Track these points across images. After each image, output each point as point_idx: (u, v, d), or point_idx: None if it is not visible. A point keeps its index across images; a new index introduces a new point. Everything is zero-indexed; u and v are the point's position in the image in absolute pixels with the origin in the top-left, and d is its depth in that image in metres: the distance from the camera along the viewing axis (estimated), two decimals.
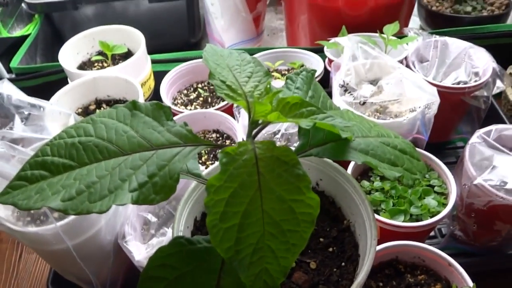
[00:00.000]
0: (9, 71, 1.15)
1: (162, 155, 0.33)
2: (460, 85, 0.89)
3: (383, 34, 0.94)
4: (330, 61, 0.95)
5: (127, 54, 0.97)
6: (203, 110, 0.88)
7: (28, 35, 1.25)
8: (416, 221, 0.67)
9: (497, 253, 0.78)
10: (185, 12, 1.30)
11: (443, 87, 0.86)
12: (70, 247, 0.58)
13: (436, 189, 0.72)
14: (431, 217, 0.67)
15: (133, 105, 0.36)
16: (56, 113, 0.68)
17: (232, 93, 0.33)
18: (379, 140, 0.43)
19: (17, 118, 0.66)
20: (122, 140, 0.34)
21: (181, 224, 0.44)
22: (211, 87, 0.99)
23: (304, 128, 0.40)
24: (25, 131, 0.63)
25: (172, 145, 0.33)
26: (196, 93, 0.98)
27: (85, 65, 0.97)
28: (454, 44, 0.96)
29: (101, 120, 0.36)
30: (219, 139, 0.87)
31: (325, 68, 0.98)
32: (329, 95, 0.52)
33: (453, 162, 0.93)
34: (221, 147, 0.32)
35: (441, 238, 0.84)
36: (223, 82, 0.34)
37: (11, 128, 0.64)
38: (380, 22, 0.98)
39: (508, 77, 1.07)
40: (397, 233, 0.66)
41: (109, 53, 0.94)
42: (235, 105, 0.83)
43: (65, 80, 0.94)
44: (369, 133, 0.44)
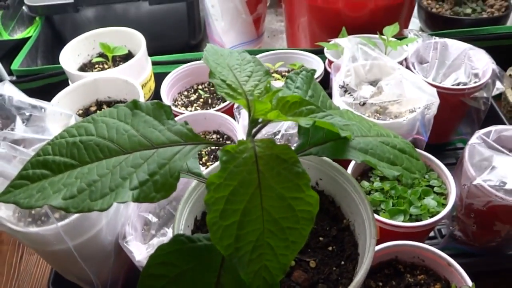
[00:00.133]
0: (10, 73, 1.16)
1: (163, 154, 0.33)
2: (460, 86, 0.89)
3: (383, 36, 0.95)
4: (330, 62, 0.95)
5: (127, 56, 0.98)
6: (203, 111, 0.88)
7: (29, 38, 1.25)
8: (415, 221, 0.68)
9: (496, 254, 0.78)
10: (185, 14, 1.30)
11: (443, 88, 0.86)
12: (71, 247, 0.58)
13: (435, 189, 0.72)
14: (430, 217, 0.67)
15: (134, 104, 0.36)
16: (57, 114, 0.68)
17: (232, 92, 0.34)
18: (379, 139, 0.43)
19: (18, 119, 0.66)
20: (123, 139, 0.34)
21: (181, 223, 0.44)
22: (211, 89, 0.99)
23: (303, 127, 0.40)
24: (26, 132, 0.63)
25: (173, 144, 0.34)
26: (197, 94, 0.98)
27: (86, 67, 0.98)
28: (454, 46, 0.96)
29: (102, 119, 0.36)
30: (219, 140, 0.87)
31: (325, 70, 0.98)
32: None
33: (453, 163, 0.94)
34: (221, 146, 0.32)
35: (440, 239, 0.84)
36: (224, 81, 0.34)
37: (12, 129, 0.65)
38: (380, 23, 0.98)
39: (508, 79, 1.07)
40: (397, 233, 0.66)
41: (109, 55, 0.94)
42: (236, 106, 0.83)
43: (66, 82, 0.94)
44: (368, 133, 0.44)
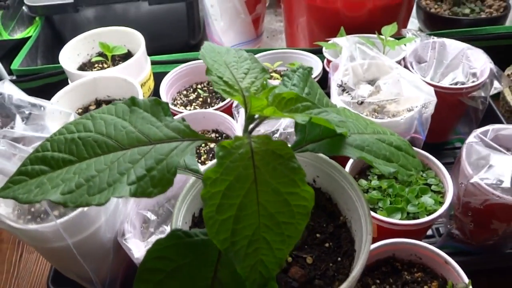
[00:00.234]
0: (10, 73, 1.16)
1: (160, 150, 0.33)
2: (458, 86, 0.89)
3: (381, 35, 0.95)
4: (329, 61, 0.96)
5: (127, 55, 0.98)
6: (202, 110, 0.88)
7: (29, 38, 1.26)
8: (413, 219, 0.68)
9: (493, 252, 0.78)
10: (184, 14, 1.31)
11: (441, 88, 0.87)
12: (70, 245, 0.59)
13: (433, 187, 0.72)
14: (428, 215, 0.68)
15: (132, 101, 0.37)
16: (57, 112, 0.68)
17: (229, 89, 0.34)
18: (375, 136, 0.44)
19: (18, 118, 0.66)
20: (121, 135, 0.35)
21: (179, 220, 0.44)
22: (210, 88, 0.99)
23: (300, 124, 0.40)
24: (26, 130, 0.64)
25: (170, 140, 0.34)
26: (196, 93, 0.99)
27: (85, 66, 0.98)
28: (452, 45, 0.96)
29: (100, 116, 0.36)
30: (218, 139, 0.87)
31: (323, 69, 0.99)
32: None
33: (451, 162, 0.94)
34: (218, 141, 0.32)
35: (438, 238, 0.84)
36: (220, 78, 0.34)
37: (12, 128, 0.65)
38: (379, 23, 0.99)
39: (506, 78, 1.08)
40: (394, 231, 0.67)
41: (109, 54, 0.94)
42: (234, 105, 0.84)
43: (66, 81, 0.95)
44: (365, 130, 0.44)
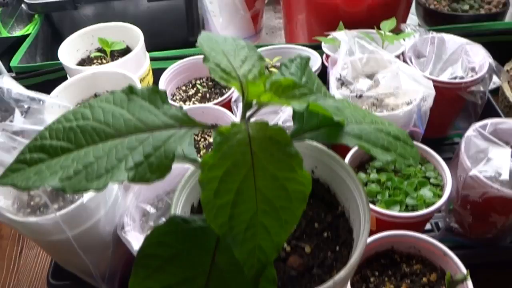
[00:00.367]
0: (9, 70, 1.16)
1: (158, 137, 0.33)
2: (457, 80, 0.89)
3: (380, 30, 0.95)
4: (327, 56, 0.96)
5: (126, 51, 0.98)
6: (201, 105, 0.88)
7: (28, 35, 1.26)
8: (411, 211, 0.68)
9: (492, 246, 0.78)
10: (183, 11, 1.31)
11: (440, 82, 0.87)
12: (70, 237, 0.59)
13: (431, 180, 0.72)
14: (426, 208, 0.68)
15: (130, 89, 0.37)
16: (56, 106, 0.69)
17: (226, 76, 0.34)
18: (373, 126, 0.44)
19: (17, 112, 0.66)
20: (119, 123, 0.35)
21: (178, 210, 0.44)
22: (209, 83, 1.00)
23: (298, 113, 0.41)
24: (25, 124, 0.64)
25: (168, 127, 0.34)
26: (195, 89, 0.99)
27: (84, 62, 0.98)
28: (451, 40, 0.96)
29: (98, 104, 0.36)
30: (215, 125, 0.87)
31: (322, 64, 0.99)
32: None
33: (450, 158, 0.94)
34: (216, 128, 0.32)
35: (437, 232, 0.85)
36: (218, 65, 0.34)
37: (11, 121, 0.65)
38: (378, 19, 0.99)
39: (506, 74, 1.08)
40: (393, 224, 0.67)
41: (108, 50, 0.94)
42: (233, 99, 0.84)
43: (65, 78, 0.94)
44: (363, 120, 0.44)
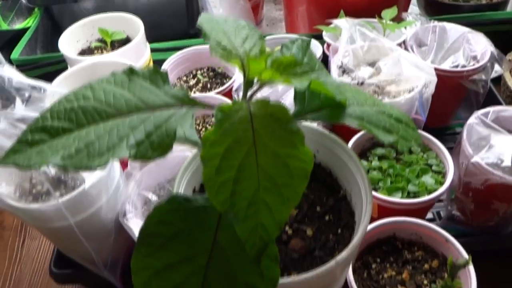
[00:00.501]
0: (9, 63, 1.16)
1: (159, 116, 0.33)
2: (459, 69, 0.89)
3: (382, 19, 0.95)
4: (328, 46, 0.95)
5: (126, 41, 0.98)
6: (203, 94, 0.88)
7: (28, 28, 1.26)
8: (413, 198, 0.68)
9: (494, 234, 0.78)
10: (183, 2, 1.30)
11: (442, 71, 0.86)
12: (72, 224, 0.59)
13: (433, 168, 0.72)
14: (428, 194, 0.68)
15: (131, 70, 0.37)
16: (57, 94, 0.68)
17: (227, 54, 0.34)
18: (375, 108, 0.44)
19: (18, 100, 0.66)
20: (120, 103, 0.35)
21: (180, 192, 0.44)
22: (210, 73, 0.99)
23: (299, 94, 0.40)
24: (26, 112, 0.64)
25: (169, 107, 0.34)
26: (196, 79, 0.98)
27: (85, 53, 0.98)
28: (453, 29, 0.96)
29: (99, 86, 0.36)
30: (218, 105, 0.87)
31: (323, 54, 0.98)
32: None
33: (452, 147, 0.94)
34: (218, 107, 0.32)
35: (439, 221, 0.85)
36: (219, 43, 0.34)
37: (12, 110, 0.65)
38: (379, 9, 0.98)
39: (508, 63, 1.07)
40: (395, 210, 0.67)
41: (108, 40, 0.94)
42: (234, 88, 0.84)
43: (65, 70, 0.94)
44: (364, 102, 0.44)
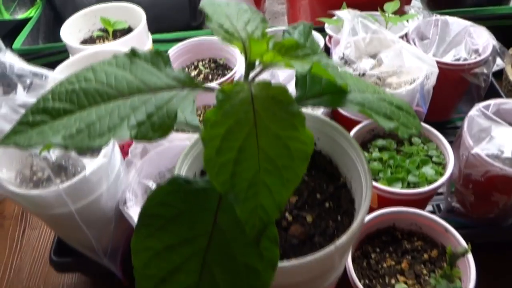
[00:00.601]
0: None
1: (160, 97, 0.33)
2: (460, 62, 0.89)
3: (384, 12, 0.94)
4: (330, 38, 0.95)
5: (128, 31, 0.98)
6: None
7: (30, 18, 1.26)
8: (413, 188, 0.68)
9: (494, 226, 0.78)
10: None
11: (443, 64, 0.86)
12: (73, 211, 0.59)
13: (434, 159, 0.72)
14: (428, 185, 0.68)
15: (133, 53, 0.37)
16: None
17: (229, 36, 0.34)
18: (376, 95, 0.44)
19: (19, 87, 0.66)
20: (121, 85, 0.35)
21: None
22: (211, 65, 0.99)
23: (300, 79, 0.41)
24: (27, 98, 0.64)
25: (171, 88, 0.34)
26: (197, 70, 0.98)
27: (87, 42, 0.98)
28: (455, 23, 0.96)
29: (101, 68, 0.36)
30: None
31: (325, 46, 0.98)
32: None
33: (453, 141, 0.94)
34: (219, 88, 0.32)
35: (439, 214, 0.85)
36: (221, 25, 0.34)
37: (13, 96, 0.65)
38: (381, 2, 0.98)
39: (510, 56, 1.07)
40: (395, 201, 0.67)
41: (110, 29, 0.94)
42: (236, 78, 0.84)
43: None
44: (365, 90, 0.44)
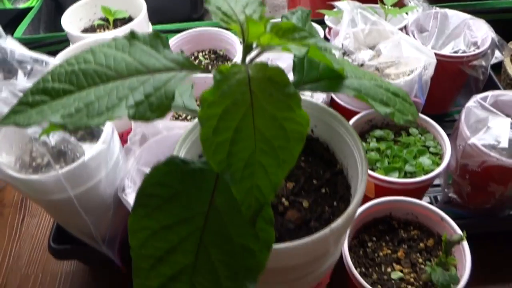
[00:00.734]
0: None
1: (159, 78, 0.34)
2: (459, 54, 0.89)
3: (383, 4, 0.95)
4: (330, 29, 0.96)
5: (128, 20, 0.98)
6: (203, 75, 0.88)
7: (31, 8, 1.26)
8: (410, 178, 0.68)
9: (490, 216, 0.79)
10: None
11: (442, 56, 0.87)
12: (72, 196, 0.59)
13: (431, 149, 0.73)
14: (425, 175, 0.68)
15: (132, 35, 0.37)
16: None
17: (227, 18, 0.34)
18: (373, 82, 0.44)
19: (20, 73, 0.66)
20: (120, 66, 0.35)
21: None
22: (211, 55, 0.99)
23: (298, 64, 0.41)
24: (28, 83, 0.64)
25: (169, 70, 0.35)
26: (197, 61, 0.99)
27: (88, 31, 0.98)
28: (454, 16, 0.96)
29: (100, 49, 0.37)
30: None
31: (325, 38, 0.98)
32: None
33: (451, 134, 0.94)
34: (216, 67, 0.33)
35: (436, 205, 0.85)
36: (219, 8, 0.35)
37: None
38: None
39: (509, 49, 1.07)
40: (392, 190, 0.67)
41: (111, 18, 0.94)
42: None
43: None
44: (362, 76, 0.45)
